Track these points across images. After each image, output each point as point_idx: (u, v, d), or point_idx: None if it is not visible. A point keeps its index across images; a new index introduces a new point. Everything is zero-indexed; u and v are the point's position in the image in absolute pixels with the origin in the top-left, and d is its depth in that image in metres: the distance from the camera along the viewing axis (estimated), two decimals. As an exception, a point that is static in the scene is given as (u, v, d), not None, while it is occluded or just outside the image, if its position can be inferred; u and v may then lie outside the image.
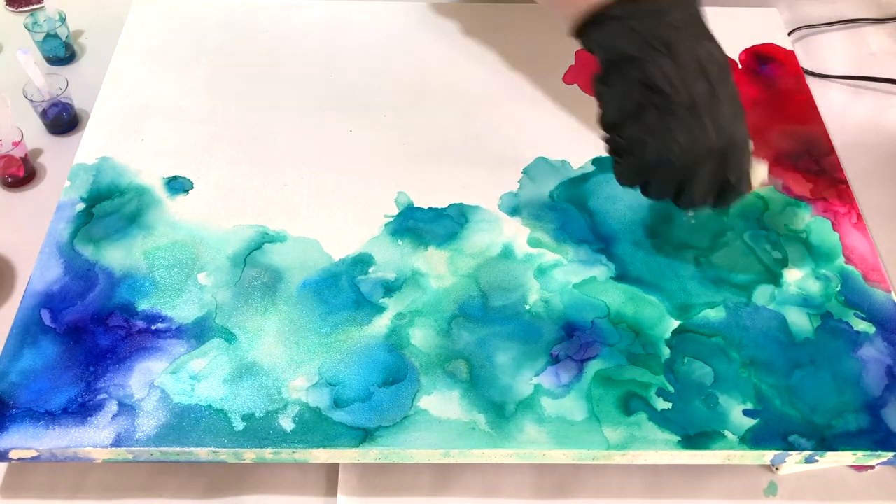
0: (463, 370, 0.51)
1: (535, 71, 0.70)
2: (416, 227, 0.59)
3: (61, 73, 0.76)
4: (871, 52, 0.79)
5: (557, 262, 0.57)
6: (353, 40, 0.72)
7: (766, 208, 0.60)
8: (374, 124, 0.66)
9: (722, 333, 0.54)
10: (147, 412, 0.49)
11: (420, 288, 0.55)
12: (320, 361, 0.51)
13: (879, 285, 0.56)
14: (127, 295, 0.54)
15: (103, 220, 0.58)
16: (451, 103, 0.67)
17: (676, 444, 0.49)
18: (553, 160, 0.63)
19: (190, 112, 0.66)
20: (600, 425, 0.49)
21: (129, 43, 0.71)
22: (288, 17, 0.74)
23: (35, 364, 0.51)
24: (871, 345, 0.53)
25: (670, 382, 0.51)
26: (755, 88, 0.69)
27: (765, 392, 0.51)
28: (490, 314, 0.54)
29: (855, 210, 0.61)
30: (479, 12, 0.75)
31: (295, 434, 0.49)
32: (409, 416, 0.49)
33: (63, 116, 0.70)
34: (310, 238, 0.58)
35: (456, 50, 0.72)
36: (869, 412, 0.50)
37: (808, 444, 0.49)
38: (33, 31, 0.75)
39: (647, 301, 0.55)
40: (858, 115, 0.74)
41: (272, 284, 0.55)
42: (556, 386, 0.51)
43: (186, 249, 0.57)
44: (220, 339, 0.52)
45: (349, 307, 0.54)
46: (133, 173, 0.61)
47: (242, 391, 0.50)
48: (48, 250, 0.56)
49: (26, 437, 0.48)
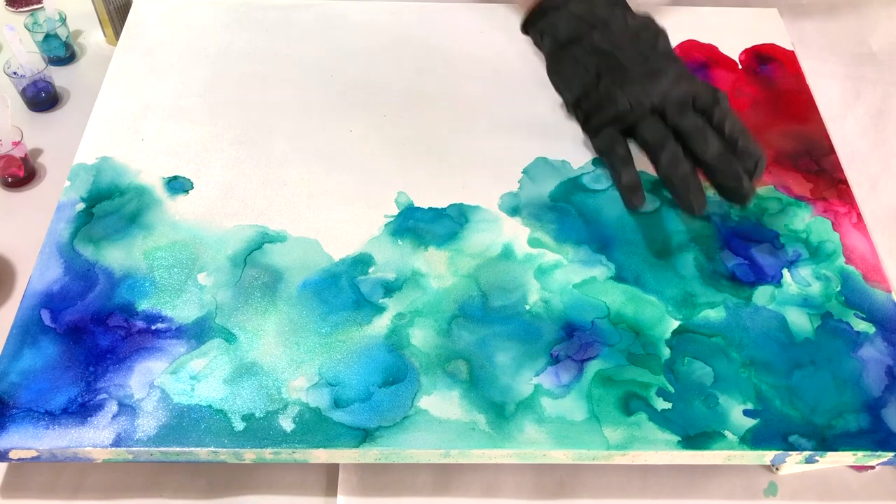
0: (463, 370, 0.51)
1: (535, 71, 0.70)
2: (416, 227, 0.59)
3: (61, 72, 0.76)
4: (871, 52, 0.79)
5: (557, 262, 0.57)
6: (353, 40, 0.72)
7: (765, 209, 0.60)
8: (374, 124, 0.66)
9: (722, 333, 0.54)
10: (147, 412, 0.49)
11: (420, 288, 0.55)
12: (320, 361, 0.52)
13: (879, 285, 0.56)
14: (127, 295, 0.54)
15: (103, 220, 0.58)
16: (451, 103, 0.67)
17: (676, 445, 0.49)
18: (553, 160, 0.63)
19: (190, 112, 0.66)
20: (600, 425, 0.49)
21: (129, 43, 0.71)
22: (288, 17, 0.74)
23: (35, 364, 0.51)
24: (872, 345, 0.53)
25: (670, 382, 0.51)
26: (755, 88, 0.69)
27: (765, 392, 0.51)
28: (490, 314, 0.54)
29: (855, 210, 0.61)
30: (479, 12, 0.75)
31: (295, 434, 0.49)
32: (409, 416, 0.49)
33: (41, 95, 0.72)
34: (310, 238, 0.58)
35: (456, 50, 0.72)
36: (869, 412, 0.50)
37: (808, 444, 0.49)
38: (33, 31, 0.75)
39: (647, 301, 0.55)
40: (859, 115, 0.74)
41: (272, 284, 0.55)
42: (556, 386, 0.51)
43: (186, 249, 0.57)
44: (220, 339, 0.52)
45: (349, 307, 0.54)
46: (133, 173, 0.61)
47: (242, 391, 0.50)
48: (48, 250, 0.56)
49: (26, 437, 0.48)
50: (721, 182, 0.55)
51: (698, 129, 0.56)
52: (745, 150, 0.55)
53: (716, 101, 0.57)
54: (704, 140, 0.55)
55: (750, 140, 0.55)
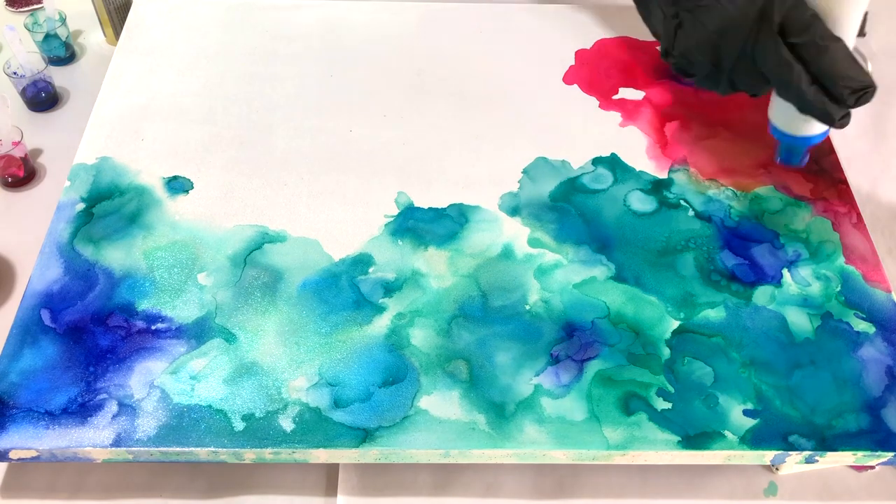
0: (463, 370, 0.51)
1: (535, 71, 0.70)
2: (416, 227, 0.59)
3: (61, 72, 0.76)
4: (870, 52, 0.79)
5: (557, 262, 0.57)
6: (353, 40, 0.72)
7: (764, 210, 0.60)
8: (374, 124, 0.66)
9: (722, 333, 0.54)
10: (147, 412, 0.49)
11: (420, 288, 0.55)
12: (320, 361, 0.51)
13: (879, 285, 0.56)
14: (127, 295, 0.54)
15: (103, 220, 0.58)
16: (451, 103, 0.67)
17: (676, 445, 0.49)
18: (553, 160, 0.63)
19: (190, 112, 0.66)
20: (600, 425, 0.49)
21: (129, 43, 0.71)
22: (288, 17, 0.74)
23: (35, 364, 0.51)
24: (871, 345, 0.53)
25: (670, 382, 0.51)
26: (755, 88, 0.69)
27: (765, 392, 0.51)
28: (490, 314, 0.54)
29: (855, 210, 0.61)
30: (480, 12, 0.75)
31: (295, 434, 0.49)
32: (409, 416, 0.49)
33: (41, 95, 0.72)
34: (310, 238, 0.58)
35: (456, 50, 0.72)
36: (869, 412, 0.50)
37: (808, 444, 0.49)
38: (33, 31, 0.75)
39: (647, 301, 0.55)
40: (858, 115, 0.74)
41: (272, 284, 0.55)
42: (556, 386, 0.51)
43: (186, 249, 0.57)
44: (220, 339, 0.52)
45: (349, 307, 0.54)
46: (133, 173, 0.61)
47: (242, 391, 0.50)
48: (48, 250, 0.56)
49: (26, 437, 0.48)
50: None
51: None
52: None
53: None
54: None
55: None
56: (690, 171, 0.62)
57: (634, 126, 0.66)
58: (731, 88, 0.53)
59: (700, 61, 0.52)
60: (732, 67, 0.50)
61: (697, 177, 0.62)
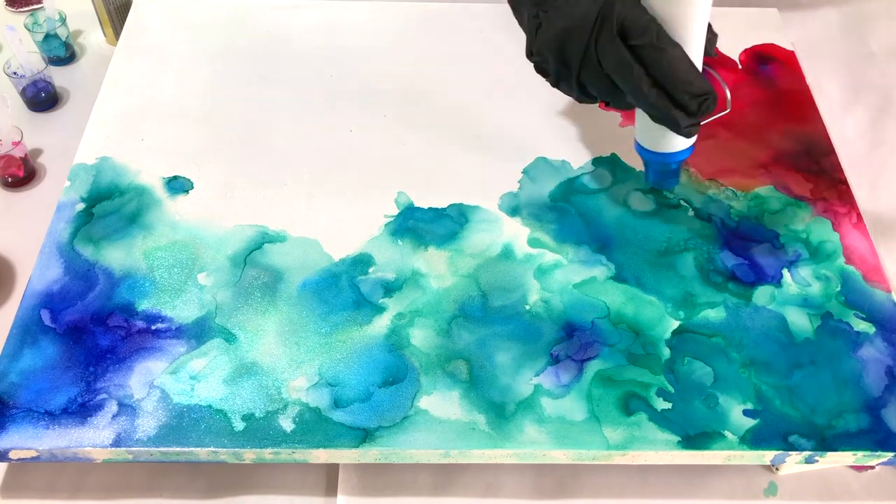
0: (463, 370, 0.51)
1: (535, 71, 0.70)
2: (416, 227, 0.59)
3: (61, 72, 0.76)
4: (871, 52, 0.79)
5: (557, 262, 0.57)
6: (353, 40, 0.72)
7: (764, 210, 0.60)
8: (374, 124, 0.66)
9: (722, 333, 0.54)
10: (147, 412, 0.49)
11: (420, 288, 0.55)
12: (320, 361, 0.51)
13: (879, 285, 0.56)
14: (127, 295, 0.54)
15: (103, 220, 0.58)
16: (451, 103, 0.67)
17: (676, 445, 0.49)
18: (553, 160, 0.63)
19: (190, 112, 0.66)
20: (600, 425, 0.49)
21: (129, 43, 0.71)
22: (288, 17, 0.74)
23: (35, 364, 0.51)
24: (871, 345, 0.53)
25: (670, 382, 0.51)
26: (755, 88, 0.69)
27: (765, 392, 0.51)
28: (490, 314, 0.54)
29: (855, 210, 0.61)
30: (480, 13, 0.75)
31: (295, 434, 0.49)
32: (409, 417, 0.49)
33: (41, 95, 0.72)
34: (310, 238, 0.58)
35: (456, 50, 0.72)
36: (869, 412, 0.50)
37: (808, 444, 0.49)
38: (33, 31, 0.75)
39: (647, 301, 0.55)
40: (859, 115, 0.74)
41: (272, 284, 0.55)
42: (556, 386, 0.51)
43: (186, 249, 0.57)
44: (220, 339, 0.52)
45: (349, 307, 0.54)
46: (133, 173, 0.61)
47: (242, 391, 0.50)
48: (48, 250, 0.56)
49: (26, 437, 0.48)
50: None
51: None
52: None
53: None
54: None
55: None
56: (690, 171, 0.62)
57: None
58: (582, 93, 0.53)
59: (551, 60, 0.53)
60: (580, 69, 0.51)
61: (697, 177, 0.62)
